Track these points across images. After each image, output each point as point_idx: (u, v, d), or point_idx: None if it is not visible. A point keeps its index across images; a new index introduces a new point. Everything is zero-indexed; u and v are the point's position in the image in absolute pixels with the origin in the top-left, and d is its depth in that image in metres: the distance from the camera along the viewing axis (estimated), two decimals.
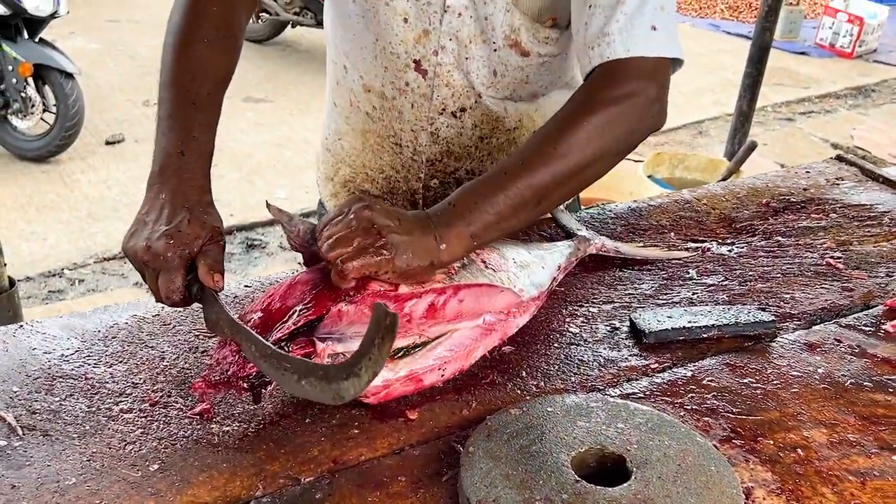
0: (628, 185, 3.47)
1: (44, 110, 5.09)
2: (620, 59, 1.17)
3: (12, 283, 2.41)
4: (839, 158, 1.82)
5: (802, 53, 7.97)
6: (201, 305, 1.07)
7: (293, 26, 7.29)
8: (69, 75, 4.92)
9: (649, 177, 3.66)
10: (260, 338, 0.98)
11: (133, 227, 1.10)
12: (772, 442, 1.02)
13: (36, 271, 4.08)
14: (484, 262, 1.19)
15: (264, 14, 7.30)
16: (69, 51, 5.21)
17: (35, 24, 5.04)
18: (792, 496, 0.94)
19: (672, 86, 1.25)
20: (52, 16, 5.02)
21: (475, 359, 1.13)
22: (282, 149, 5.51)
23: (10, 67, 4.87)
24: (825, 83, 7.24)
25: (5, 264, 2.38)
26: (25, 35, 4.99)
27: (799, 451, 1.00)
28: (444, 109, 1.40)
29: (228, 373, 1.00)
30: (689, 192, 1.68)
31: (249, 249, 4.35)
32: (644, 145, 5.73)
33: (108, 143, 5.48)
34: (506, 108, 1.42)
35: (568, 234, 1.45)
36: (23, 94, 4.97)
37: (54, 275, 4.09)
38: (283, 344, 1.00)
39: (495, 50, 1.33)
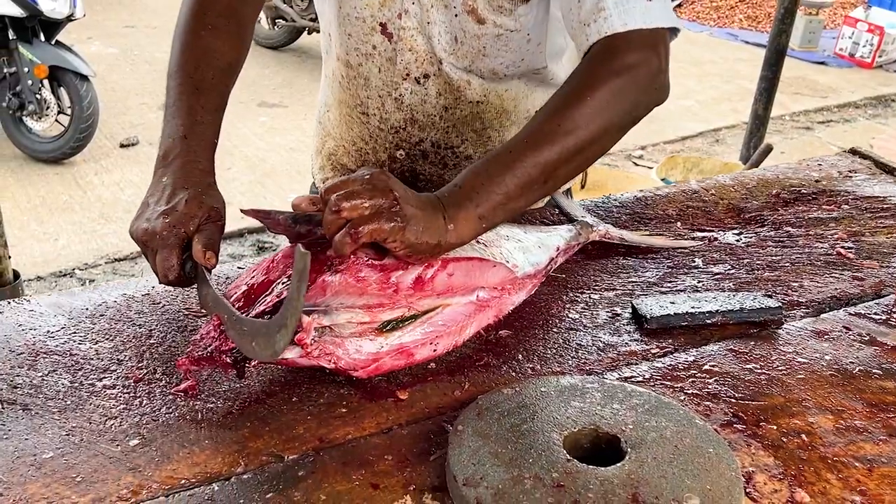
0: (640, 188, 3.43)
1: (58, 112, 5.10)
2: (619, 33, 1.14)
3: (17, 276, 2.40)
4: (852, 151, 1.78)
5: (821, 63, 7.90)
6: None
7: (309, 33, 7.30)
8: (84, 77, 4.94)
9: (663, 180, 3.62)
10: (234, 309, 0.97)
11: (139, 210, 1.12)
12: (775, 427, 0.98)
13: (47, 271, 4.08)
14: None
15: (280, 20, 7.33)
16: (87, 56, 5.22)
17: (51, 27, 5.06)
18: (794, 481, 0.90)
19: (689, 93, 1.24)
20: (69, 18, 5.04)
21: (468, 335, 1.10)
22: (295, 153, 5.51)
23: (26, 69, 4.89)
24: (844, 93, 7.16)
25: (10, 257, 2.38)
26: (42, 37, 5.01)
27: (803, 436, 0.97)
28: (407, 74, 1.38)
29: (210, 348, 0.98)
30: (696, 182, 1.65)
31: (260, 252, 4.34)
32: (660, 152, 5.70)
33: (122, 145, 5.49)
34: (469, 80, 1.38)
35: (570, 220, 1.42)
36: (38, 96, 4.98)
37: (65, 275, 4.09)
38: (266, 318, 0.98)
39: (456, 15, 1.31)
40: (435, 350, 1.06)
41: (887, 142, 6.04)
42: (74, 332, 1.11)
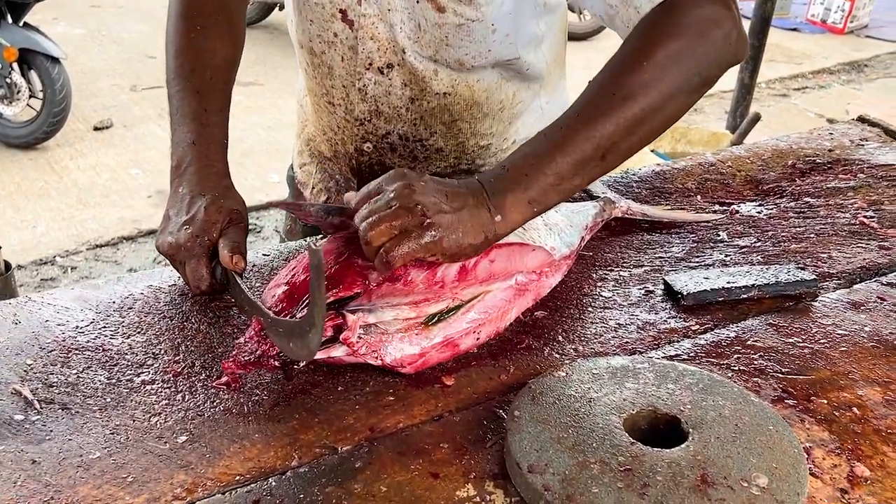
0: (630, 161, 3.42)
1: (30, 96, 4.98)
2: None
3: (8, 266, 2.35)
4: (861, 119, 1.78)
5: (794, 30, 7.93)
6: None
7: (280, 8, 7.19)
8: (55, 60, 4.82)
9: (653, 151, 3.61)
10: (268, 311, 0.97)
11: (161, 224, 1.13)
12: (825, 401, 0.98)
13: (27, 259, 4.00)
14: None
15: None
16: (54, 37, 5.10)
17: (19, 8, 4.91)
18: (852, 455, 0.90)
19: None
20: None
21: (509, 320, 1.09)
22: (273, 132, 5.44)
23: None
24: (818, 59, 7.20)
25: (0, 247, 2.32)
26: (9, 19, 4.88)
27: (854, 409, 0.96)
28: (370, 64, 1.30)
29: (258, 352, 0.95)
30: (712, 154, 1.64)
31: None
32: None
33: (96, 128, 5.38)
34: (435, 70, 1.30)
35: (592, 197, 1.40)
36: (8, 80, 4.86)
37: (46, 262, 4.01)
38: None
39: (417, 1, 1.22)
40: (478, 339, 1.05)
41: (862, 107, 6.09)
42: (104, 327, 1.08)
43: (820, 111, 6.00)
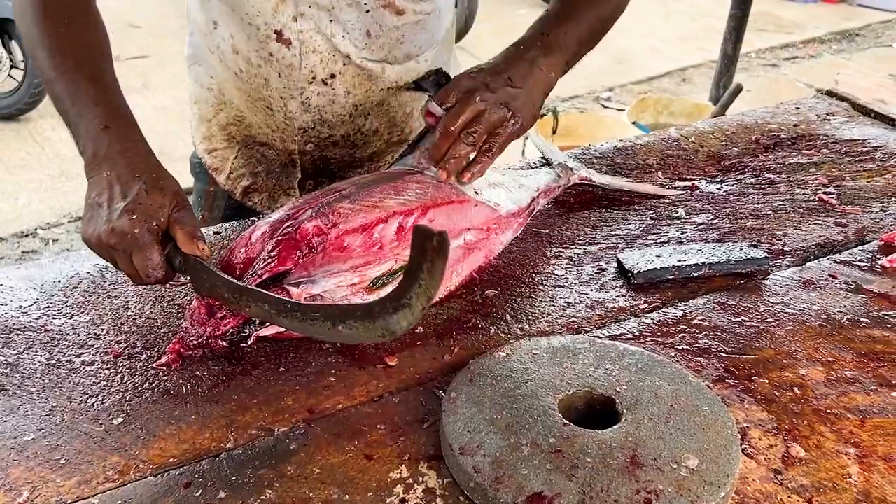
0: (612, 132, 3.40)
1: (11, 67, 4.93)
2: None
3: None
4: (829, 94, 1.77)
5: None
6: (188, 276, 0.97)
7: None
8: None
9: (634, 123, 3.59)
10: (271, 294, 0.90)
11: (86, 213, 0.99)
12: (767, 381, 0.98)
13: (8, 231, 3.99)
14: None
15: None
16: None
17: None
18: (789, 436, 0.90)
19: (653, 32, 1.38)
20: None
21: (461, 278, 1.12)
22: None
23: None
24: (809, 28, 7.15)
25: None
26: None
27: (795, 389, 0.96)
28: (313, 78, 1.29)
29: (206, 335, 0.95)
30: (676, 129, 1.63)
31: None
32: (627, 93, 5.67)
33: None
34: (383, 69, 1.33)
35: (548, 164, 1.41)
36: None
37: (27, 235, 4.00)
38: None
39: (367, 11, 1.24)
40: None
41: (852, 77, 6.06)
42: (48, 307, 1.07)
43: (809, 81, 5.96)
